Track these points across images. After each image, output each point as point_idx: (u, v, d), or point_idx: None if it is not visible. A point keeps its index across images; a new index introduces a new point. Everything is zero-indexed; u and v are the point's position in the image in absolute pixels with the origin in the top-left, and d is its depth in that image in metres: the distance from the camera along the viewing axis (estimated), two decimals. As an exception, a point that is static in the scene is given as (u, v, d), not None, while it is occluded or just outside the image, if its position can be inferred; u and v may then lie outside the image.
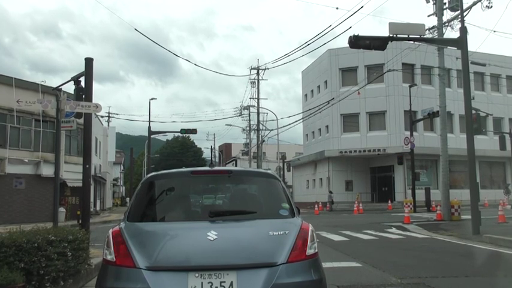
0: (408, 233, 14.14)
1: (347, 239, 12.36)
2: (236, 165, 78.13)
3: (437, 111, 28.00)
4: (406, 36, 13.75)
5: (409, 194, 32.49)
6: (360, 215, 27.20)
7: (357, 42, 13.68)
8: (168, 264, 2.98)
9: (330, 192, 34.45)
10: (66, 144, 26.32)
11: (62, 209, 24.44)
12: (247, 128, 53.31)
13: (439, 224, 17.60)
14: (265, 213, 3.65)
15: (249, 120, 51.85)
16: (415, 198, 28.40)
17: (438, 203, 30.59)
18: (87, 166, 8.96)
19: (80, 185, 26.98)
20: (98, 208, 33.69)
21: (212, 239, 3.07)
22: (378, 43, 13.98)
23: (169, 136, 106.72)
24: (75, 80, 9.68)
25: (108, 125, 52.48)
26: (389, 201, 32.10)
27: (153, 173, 4.08)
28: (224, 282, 2.95)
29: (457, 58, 23.05)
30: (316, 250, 3.34)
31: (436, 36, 21.01)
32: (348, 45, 13.88)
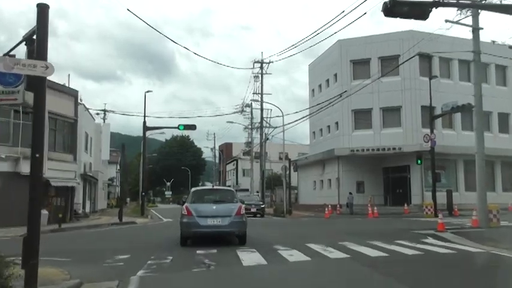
0: (452, 245, 11.48)
1: (384, 254, 9.68)
2: (237, 166, 75.55)
3: (462, 105, 25.40)
4: (455, 1, 11.11)
5: (427, 196, 29.83)
6: (376, 219, 24.54)
7: (393, 9, 10.98)
8: (202, 215, 11.31)
9: (350, 193, 31.77)
10: (50, 138, 23.58)
11: (44, 212, 21.74)
12: (249, 126, 50.74)
13: (479, 232, 14.93)
14: (229, 201, 12.13)
15: (251, 118, 49.19)
16: (436, 201, 25.79)
17: (461, 207, 28.18)
18: (37, 155, 6.29)
19: (67, 184, 24.25)
20: (87, 210, 30.99)
21: (214, 208, 11.65)
22: (418, 11, 11.30)
23: (168, 136, 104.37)
24: (28, 39, 7.00)
25: (104, 121, 49.98)
26: (405, 205, 29.42)
27: (195, 188, 14.50)
28: (218, 220, 11.32)
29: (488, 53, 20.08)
30: (244, 212, 12.04)
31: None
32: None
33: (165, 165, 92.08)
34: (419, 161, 27.59)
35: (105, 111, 52.19)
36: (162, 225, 21.92)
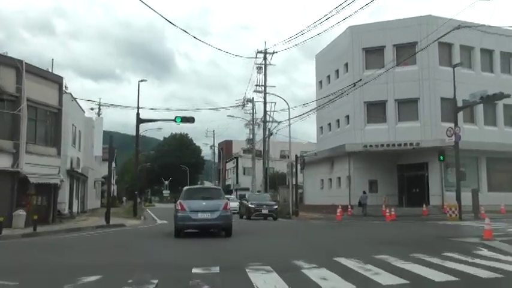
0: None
1: (450, 276, 7.01)
2: (237, 164, 72.73)
3: (494, 94, 22.76)
4: None
5: (448, 196, 27.27)
6: (396, 222, 21.90)
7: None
8: (193, 210, 13.17)
9: (364, 192, 29.16)
10: (30, 129, 20.96)
11: (21, 212, 19.16)
12: (251, 122, 48.01)
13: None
14: (217, 197, 14.00)
15: (253, 113, 46.48)
16: (461, 203, 23.24)
17: (485, 209, 25.38)
18: None
19: (48, 181, 21.58)
20: (75, 210, 28.33)
21: (204, 204, 13.41)
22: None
23: (167, 134, 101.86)
24: None
25: (99, 115, 47.46)
26: (423, 206, 26.81)
27: (188, 186, 17.61)
28: (207, 214, 13.18)
29: None
30: (230, 207, 13.93)
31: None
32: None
33: (164, 164, 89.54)
34: (441, 158, 25.01)
35: (99, 105, 49.68)
36: (155, 228, 19.26)
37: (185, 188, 15.21)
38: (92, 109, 45.99)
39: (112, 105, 53.64)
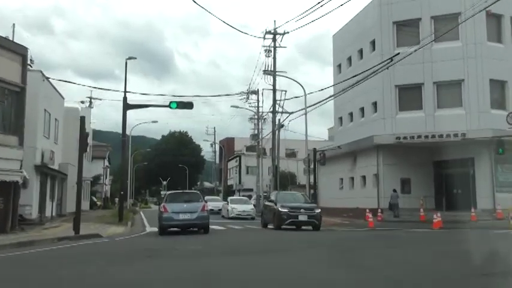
0: None
1: None
2: (240, 163, 67.86)
3: None
4: None
5: (500, 199, 22.69)
6: (456, 232, 16.98)
7: None
8: (175, 211, 15.79)
9: (394, 191, 24.49)
10: (-20, 111, 16.25)
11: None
12: (256, 115, 43.20)
13: None
14: (196, 200, 16.68)
15: (258, 105, 41.61)
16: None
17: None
18: None
19: (3, 178, 16.67)
20: (48, 214, 23.50)
21: (185, 206, 16.01)
22: None
23: (165, 132, 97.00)
24: None
25: (90, 104, 43.36)
26: (471, 210, 22.01)
27: (170, 191, 20.06)
28: (188, 215, 15.75)
29: None
30: (208, 208, 17.10)
31: None
32: None
33: (162, 163, 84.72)
34: (500, 151, 20.30)
35: (90, 98, 45.42)
36: (137, 242, 14.24)
37: (168, 192, 18.88)
38: (82, 102, 41.39)
39: (101, 89, 49.37)
